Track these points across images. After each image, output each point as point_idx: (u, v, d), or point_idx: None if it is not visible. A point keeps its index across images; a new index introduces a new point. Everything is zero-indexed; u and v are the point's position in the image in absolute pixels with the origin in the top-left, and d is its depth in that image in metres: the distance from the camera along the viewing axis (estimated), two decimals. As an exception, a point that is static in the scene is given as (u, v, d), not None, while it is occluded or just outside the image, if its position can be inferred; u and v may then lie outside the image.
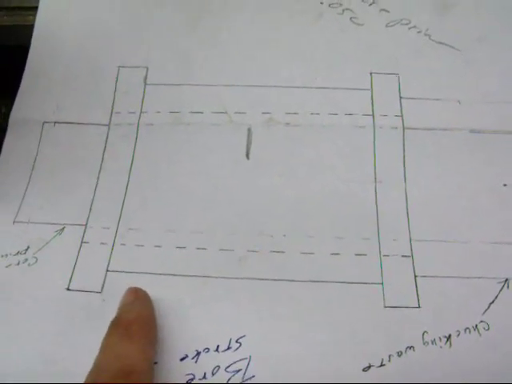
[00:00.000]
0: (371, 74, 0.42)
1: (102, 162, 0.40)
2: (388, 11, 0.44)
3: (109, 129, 0.41)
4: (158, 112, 0.41)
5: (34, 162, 0.40)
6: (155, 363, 0.33)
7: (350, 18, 0.44)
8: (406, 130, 0.40)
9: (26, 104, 0.42)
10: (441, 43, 0.43)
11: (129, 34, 0.45)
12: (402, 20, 0.44)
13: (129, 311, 0.33)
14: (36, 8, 0.46)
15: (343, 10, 0.45)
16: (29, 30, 0.45)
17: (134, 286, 0.35)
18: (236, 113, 0.41)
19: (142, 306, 0.34)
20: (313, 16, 0.45)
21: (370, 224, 0.37)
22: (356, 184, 0.38)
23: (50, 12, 0.46)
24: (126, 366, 0.29)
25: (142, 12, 0.45)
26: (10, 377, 0.33)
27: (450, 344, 0.33)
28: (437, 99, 0.41)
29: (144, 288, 0.35)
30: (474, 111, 0.40)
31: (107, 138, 0.41)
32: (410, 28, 0.43)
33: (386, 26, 0.44)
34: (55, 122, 0.42)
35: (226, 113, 0.41)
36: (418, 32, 0.43)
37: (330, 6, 0.45)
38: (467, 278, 0.35)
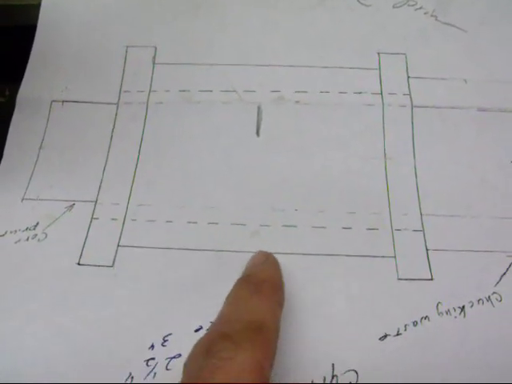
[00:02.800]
0: (379, 53, 0.43)
1: (111, 140, 0.40)
2: None
3: (117, 107, 0.41)
4: (168, 91, 0.41)
5: (43, 140, 0.40)
6: (169, 334, 0.33)
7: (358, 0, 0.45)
8: (414, 108, 0.40)
9: (33, 83, 0.42)
10: (447, 24, 0.44)
11: (136, 14, 0.45)
12: (408, 1, 0.44)
13: (260, 270, 0.33)
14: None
15: None
16: (36, 9, 0.45)
17: (145, 259, 0.35)
18: (245, 91, 0.41)
19: (273, 267, 0.34)
20: None
21: (381, 199, 0.37)
22: (366, 160, 0.39)
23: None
24: (257, 320, 0.29)
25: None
26: (22, 352, 0.33)
27: (465, 314, 0.33)
28: (443, 78, 0.41)
29: (156, 262, 0.35)
30: (480, 90, 0.41)
31: (116, 116, 0.41)
32: (416, 9, 0.44)
33: (393, 6, 0.45)
34: (63, 101, 0.42)
35: (235, 91, 0.41)
36: (425, 13, 0.44)
37: None
38: (478, 251, 0.36)
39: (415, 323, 0.33)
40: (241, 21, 0.44)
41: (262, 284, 0.31)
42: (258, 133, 0.40)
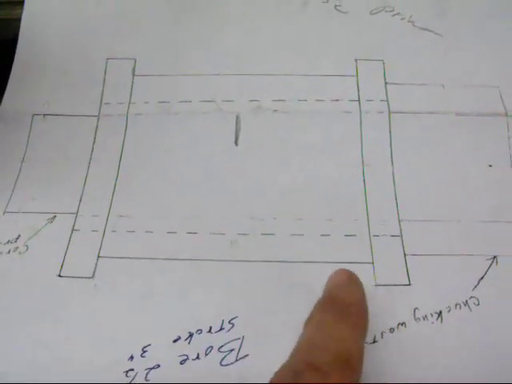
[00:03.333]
0: (356, 60, 0.43)
1: (92, 152, 0.40)
2: None
3: (98, 120, 0.42)
4: (147, 102, 0.42)
5: (24, 153, 0.40)
6: (148, 345, 0.33)
7: (335, 6, 0.45)
8: (391, 114, 0.40)
9: (15, 97, 0.43)
10: (424, 29, 0.44)
11: (116, 27, 0.45)
12: (385, 7, 0.45)
13: (345, 292, 0.31)
14: (22, 2, 0.46)
15: None
16: (17, 23, 0.45)
17: (125, 270, 0.36)
18: (224, 101, 0.42)
19: (358, 289, 0.31)
20: (298, 4, 0.45)
21: (359, 205, 0.38)
22: (344, 167, 0.39)
23: (36, 5, 0.46)
24: (345, 349, 0.27)
25: (128, 4, 0.46)
26: (3, 366, 0.33)
27: (442, 320, 0.33)
28: (421, 84, 0.42)
29: (136, 272, 0.36)
30: (457, 95, 0.41)
31: (97, 128, 0.41)
32: (393, 15, 0.44)
33: (370, 13, 0.45)
34: (45, 114, 0.42)
35: (214, 101, 0.42)
36: (402, 19, 0.44)
37: None
38: (456, 255, 0.36)
39: (392, 330, 0.33)
40: (219, 31, 0.45)
41: (349, 309, 0.29)
42: (236, 142, 0.40)
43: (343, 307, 0.29)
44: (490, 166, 0.39)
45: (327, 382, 0.25)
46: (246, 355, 0.33)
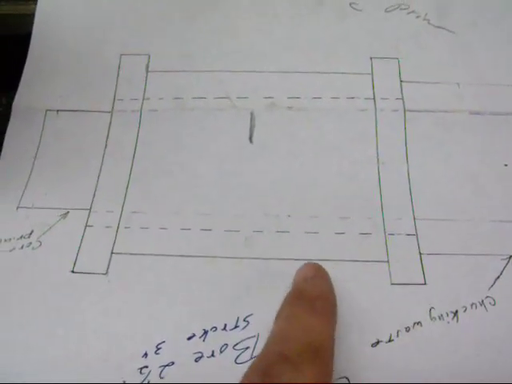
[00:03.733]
0: (371, 58, 0.43)
1: (106, 148, 0.40)
2: None
3: (111, 116, 0.41)
4: (161, 98, 0.42)
5: (38, 149, 0.40)
6: (162, 342, 0.33)
7: (350, 4, 0.45)
8: (406, 112, 0.40)
9: (28, 92, 0.42)
10: (439, 27, 0.44)
11: (130, 22, 0.45)
12: (400, 5, 0.45)
13: (312, 286, 0.32)
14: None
15: None
16: (30, 19, 0.45)
17: (139, 266, 0.35)
18: (238, 98, 0.41)
19: (325, 282, 0.33)
20: (313, 2, 0.45)
21: (374, 204, 0.37)
22: (359, 165, 0.39)
23: (50, 0, 0.46)
24: (315, 340, 0.27)
25: (142, 0, 0.46)
26: (17, 359, 0.33)
27: (457, 319, 0.33)
28: (436, 82, 0.42)
29: (150, 269, 0.35)
30: (472, 94, 0.41)
31: (110, 124, 0.41)
32: (408, 13, 0.44)
33: (385, 11, 0.45)
34: (58, 110, 0.42)
35: (228, 98, 0.41)
36: (417, 17, 0.44)
37: None
38: (471, 255, 0.35)
39: (407, 329, 0.33)
40: (234, 28, 0.45)
41: (316, 301, 0.30)
42: (251, 139, 0.40)
43: (311, 300, 0.30)
44: (506, 165, 0.38)
45: (298, 372, 0.25)
46: (262, 353, 0.33)
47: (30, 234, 0.37)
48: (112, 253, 0.36)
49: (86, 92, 0.42)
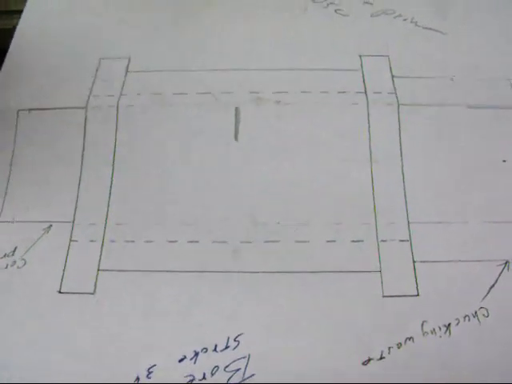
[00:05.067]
0: (360, 56, 0.41)
1: (84, 150, 0.38)
2: (371, 3, 0.44)
3: (86, 111, 0.39)
4: (139, 94, 0.40)
5: (12, 155, 0.39)
6: (153, 366, 0.33)
7: (335, 10, 0.44)
8: (400, 106, 0.38)
9: (1, 94, 0.40)
10: (428, 28, 0.42)
11: (111, 27, 0.43)
12: (386, 10, 0.43)
13: None
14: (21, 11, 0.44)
15: (327, 4, 0.44)
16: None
17: (126, 284, 0.35)
18: (222, 93, 0.39)
19: None
20: (298, 10, 0.44)
21: (367, 207, 0.36)
22: (351, 164, 0.37)
23: (34, 7, 0.44)
24: None
25: (124, 5, 0.44)
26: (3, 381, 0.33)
27: (450, 333, 0.33)
28: (430, 77, 0.40)
29: (138, 287, 0.35)
30: (468, 87, 0.39)
31: (86, 122, 0.39)
32: (395, 17, 0.43)
33: (371, 15, 0.43)
34: (30, 109, 0.40)
35: (210, 93, 0.39)
36: (404, 20, 0.43)
37: (313, 0, 0.44)
38: (467, 261, 0.35)
39: (399, 345, 0.33)
40: (218, 30, 0.43)
41: None
42: (236, 137, 0.38)
43: None
44: (504, 161, 0.37)
45: None
46: (253, 374, 0.33)
47: (14, 250, 0.36)
48: (99, 270, 0.35)
49: (60, 90, 0.40)
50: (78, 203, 0.37)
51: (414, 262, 0.35)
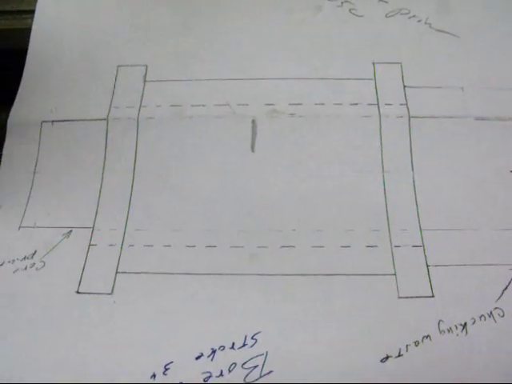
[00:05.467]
0: (374, 63, 0.42)
1: (105, 160, 0.40)
2: (387, 2, 0.44)
3: (107, 123, 0.41)
4: (159, 106, 0.41)
5: (36, 164, 0.40)
6: (170, 363, 0.33)
7: (350, 10, 0.44)
8: (411, 119, 0.40)
9: (24, 106, 0.42)
10: (442, 31, 0.43)
11: (127, 35, 0.44)
12: (401, 10, 0.44)
13: None
14: (33, 11, 0.45)
15: (342, 3, 0.45)
16: (27, 33, 0.44)
17: (144, 286, 0.35)
18: (239, 105, 0.41)
19: None
20: (312, 10, 0.44)
21: (380, 215, 0.37)
22: (364, 174, 0.38)
23: (47, 14, 0.45)
24: None
25: (139, 12, 0.45)
26: (23, 380, 0.33)
27: (466, 332, 0.33)
28: (440, 87, 0.41)
29: (155, 288, 0.35)
30: (477, 98, 0.41)
31: (107, 133, 0.40)
32: (409, 17, 0.44)
33: (386, 16, 0.44)
34: (53, 121, 0.41)
35: (228, 105, 0.41)
36: (418, 21, 0.43)
37: None
38: (479, 265, 0.35)
39: (417, 343, 0.33)
40: (232, 36, 0.44)
41: None
42: (252, 148, 0.39)
43: None
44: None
45: None
46: (271, 371, 0.33)
47: (34, 254, 0.37)
48: (117, 272, 0.36)
49: (81, 102, 0.42)
50: (98, 210, 0.38)
51: (427, 265, 0.35)
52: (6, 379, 0.33)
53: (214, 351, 0.33)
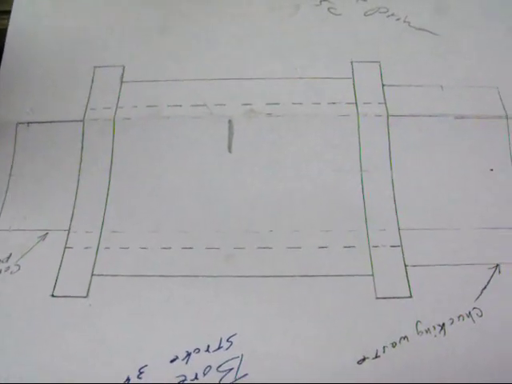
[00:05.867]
0: (352, 62, 0.42)
1: (81, 162, 0.39)
2: (365, 0, 0.44)
3: (84, 124, 0.40)
4: (135, 106, 0.41)
5: (11, 166, 0.39)
6: (145, 366, 0.33)
7: (328, 9, 0.44)
8: (390, 118, 0.39)
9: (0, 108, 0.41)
10: (420, 29, 0.43)
11: (104, 35, 0.44)
12: (380, 8, 0.44)
13: None
14: (9, 12, 0.45)
15: (320, 1, 0.44)
16: (2, 33, 0.44)
17: (120, 288, 0.35)
18: (216, 105, 0.40)
19: None
20: (290, 8, 0.44)
21: (358, 215, 0.37)
22: (342, 174, 0.38)
23: (23, 15, 0.45)
24: None
25: (116, 12, 0.45)
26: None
27: (445, 332, 0.33)
28: (419, 85, 0.41)
29: (131, 290, 0.35)
30: (456, 96, 0.40)
31: (83, 135, 0.40)
32: (388, 16, 0.43)
33: (365, 14, 0.44)
34: (29, 123, 0.41)
35: (205, 105, 0.40)
36: (397, 19, 0.43)
37: None
38: (458, 265, 0.35)
39: (394, 344, 0.33)
40: (209, 35, 0.43)
41: None
42: (229, 149, 0.39)
43: None
44: (492, 170, 0.38)
45: None
46: (245, 374, 0.32)
47: (8, 257, 0.36)
48: (92, 275, 0.35)
49: (58, 103, 0.41)
50: (74, 212, 0.37)
51: (405, 266, 0.35)
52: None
53: (188, 354, 0.33)
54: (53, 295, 0.35)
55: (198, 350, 0.33)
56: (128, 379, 0.32)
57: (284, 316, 0.34)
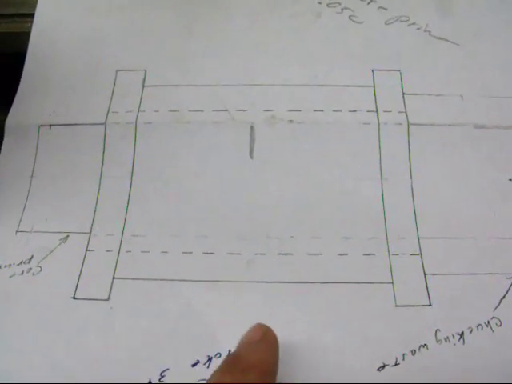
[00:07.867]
0: (373, 70, 0.42)
1: (103, 165, 0.39)
2: (386, 9, 0.44)
3: (105, 128, 0.41)
4: (157, 111, 0.41)
5: (33, 168, 0.40)
6: (166, 370, 0.33)
7: (349, 17, 0.44)
8: (410, 126, 0.39)
9: (22, 109, 0.42)
10: (441, 38, 0.43)
11: (126, 39, 0.44)
12: (400, 17, 0.44)
13: (252, 352, 0.29)
14: (33, 15, 0.45)
15: (342, 9, 0.44)
16: (26, 36, 0.44)
17: (141, 292, 0.35)
18: (237, 110, 0.40)
19: (267, 350, 0.30)
20: (311, 16, 0.44)
21: (378, 223, 0.37)
22: (362, 182, 0.38)
23: (46, 18, 0.45)
24: None
25: (138, 16, 0.45)
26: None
27: (464, 341, 0.33)
28: (439, 95, 0.41)
29: (152, 294, 0.35)
30: (476, 106, 0.40)
31: (105, 138, 0.40)
32: (409, 25, 0.43)
33: (386, 23, 0.44)
34: (51, 125, 0.41)
35: (226, 111, 0.40)
36: (418, 28, 0.43)
37: (328, 5, 0.45)
38: (477, 274, 0.35)
39: (413, 352, 0.33)
40: (232, 41, 0.43)
41: (250, 371, 0.28)
42: (251, 154, 0.39)
43: (244, 370, 0.28)
44: (510, 180, 0.38)
45: None
46: (266, 379, 0.32)
47: (30, 259, 0.37)
48: (114, 278, 0.36)
49: (80, 106, 0.41)
50: (95, 215, 0.38)
51: (425, 274, 0.35)
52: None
53: (210, 358, 0.33)
54: (74, 297, 0.35)
55: (219, 355, 0.33)
56: (150, 382, 0.33)
57: (304, 322, 0.34)
